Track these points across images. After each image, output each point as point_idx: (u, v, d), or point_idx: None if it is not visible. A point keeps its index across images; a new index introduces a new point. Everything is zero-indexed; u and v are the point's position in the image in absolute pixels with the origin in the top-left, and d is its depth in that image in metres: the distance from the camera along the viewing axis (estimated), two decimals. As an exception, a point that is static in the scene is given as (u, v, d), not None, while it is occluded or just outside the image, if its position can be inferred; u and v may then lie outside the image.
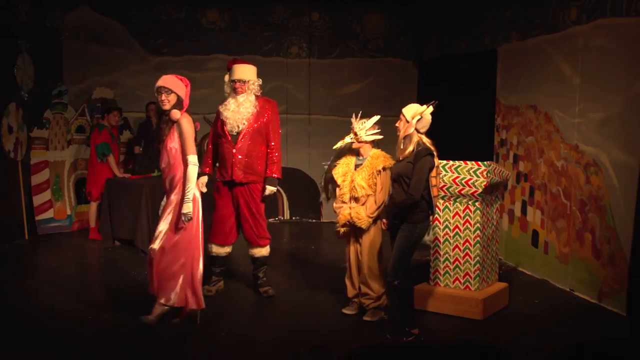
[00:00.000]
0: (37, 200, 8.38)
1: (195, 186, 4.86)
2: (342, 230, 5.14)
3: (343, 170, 5.18)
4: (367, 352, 2.22)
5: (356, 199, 5.09)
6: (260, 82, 5.75)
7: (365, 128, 5.05)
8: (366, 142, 5.09)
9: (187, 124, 4.85)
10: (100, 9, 9.39)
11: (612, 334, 4.92)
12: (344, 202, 5.16)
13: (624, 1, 5.41)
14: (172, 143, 4.86)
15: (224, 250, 5.81)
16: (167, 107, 4.86)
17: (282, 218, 10.09)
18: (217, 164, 5.80)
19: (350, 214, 5.05)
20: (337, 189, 5.22)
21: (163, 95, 4.85)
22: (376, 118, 5.10)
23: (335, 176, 5.20)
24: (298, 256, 7.66)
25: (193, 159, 4.79)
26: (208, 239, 5.85)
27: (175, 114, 4.85)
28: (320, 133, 9.59)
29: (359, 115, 5.12)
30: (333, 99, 9.83)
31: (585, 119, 5.92)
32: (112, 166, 8.18)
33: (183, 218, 4.80)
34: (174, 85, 4.87)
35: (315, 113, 9.93)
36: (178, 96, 4.87)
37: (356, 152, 5.18)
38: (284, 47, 9.88)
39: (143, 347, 4.69)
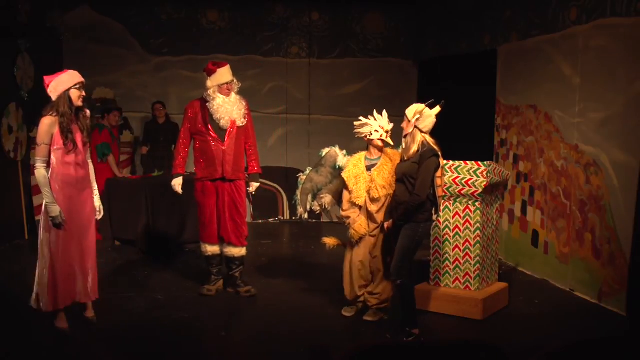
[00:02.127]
0: (37, 200, 8.37)
1: None
2: (356, 239, 5.04)
3: (354, 172, 4.99)
4: (368, 352, 2.22)
5: (374, 200, 4.94)
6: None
7: (387, 121, 4.98)
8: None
9: None
10: (100, 9, 9.40)
11: (612, 334, 4.92)
12: (356, 206, 5.02)
13: (624, 1, 5.41)
14: (86, 140, 4.78)
15: (219, 248, 5.82)
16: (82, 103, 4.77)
17: (282, 218, 10.09)
18: (200, 163, 5.72)
19: (371, 224, 4.94)
20: (347, 193, 5.05)
21: (83, 91, 4.76)
22: (385, 114, 5.02)
23: (346, 179, 5.01)
24: (298, 256, 7.66)
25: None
26: (200, 240, 5.86)
27: (88, 112, 4.86)
28: (320, 133, 9.59)
29: (382, 112, 5.01)
30: (333, 99, 9.83)
31: (585, 119, 5.92)
32: (112, 166, 8.18)
33: (101, 214, 4.89)
34: None
35: (315, 113, 9.93)
36: None
37: (366, 153, 5.07)
38: (284, 47, 9.88)
39: (143, 347, 4.69)
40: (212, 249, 5.81)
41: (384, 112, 5.02)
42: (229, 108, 5.58)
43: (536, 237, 6.73)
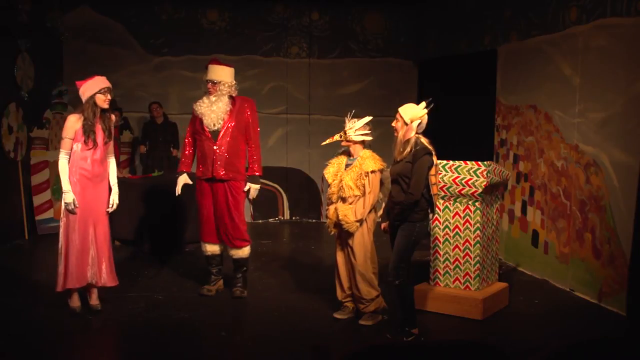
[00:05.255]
0: (37, 200, 8.38)
1: None
2: (333, 231, 5.11)
3: (334, 169, 5.12)
4: (368, 352, 2.22)
5: (344, 199, 5.01)
6: (234, 84, 5.69)
7: (354, 128, 4.99)
8: (354, 141, 5.03)
9: None
10: (100, 9, 9.40)
11: (612, 334, 4.92)
12: (332, 202, 5.10)
13: (624, 1, 5.42)
14: (107, 140, 5.19)
15: (217, 248, 5.81)
16: (108, 105, 5.19)
17: (282, 218, 10.09)
18: (197, 162, 5.75)
19: (336, 214, 4.98)
20: (328, 189, 5.16)
21: (109, 95, 5.19)
22: (368, 119, 5.04)
23: (326, 176, 5.14)
24: (298, 256, 7.66)
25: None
26: (200, 239, 5.86)
27: (113, 116, 5.32)
28: (320, 133, 9.55)
29: (352, 114, 5.09)
30: (333, 99, 9.83)
31: (585, 119, 5.92)
32: (112, 166, 8.18)
33: (114, 207, 5.30)
34: None
35: (315, 113, 9.94)
36: None
37: (348, 152, 5.13)
38: (284, 47, 9.88)
39: (143, 347, 4.69)
40: (211, 249, 5.81)
41: (350, 114, 5.11)
42: (204, 109, 5.57)
43: (536, 237, 6.73)
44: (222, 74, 5.63)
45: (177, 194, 5.85)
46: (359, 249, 5.01)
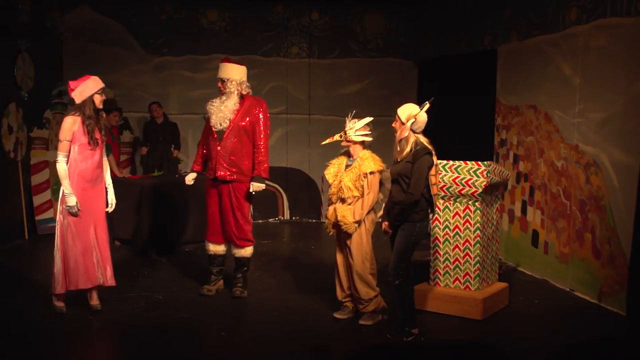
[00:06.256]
0: (37, 200, 8.38)
1: None
2: (331, 231, 5.12)
3: (334, 170, 5.12)
4: (368, 352, 2.22)
5: (343, 200, 5.02)
6: (245, 82, 5.66)
7: (354, 128, 5.00)
8: (354, 142, 5.03)
9: None
10: (100, 9, 9.40)
11: (612, 334, 4.92)
12: (332, 203, 5.11)
13: (624, 1, 5.42)
14: (104, 138, 5.22)
15: (221, 248, 5.81)
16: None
17: (282, 218, 10.09)
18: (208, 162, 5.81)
19: (335, 214, 4.99)
20: (329, 189, 5.17)
21: (104, 95, 5.23)
22: (368, 119, 5.04)
23: (327, 176, 5.15)
24: (298, 256, 7.66)
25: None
26: (205, 238, 5.87)
27: (104, 114, 5.39)
28: (320, 133, 9.54)
29: (352, 114, 5.09)
30: (333, 99, 9.82)
31: (585, 119, 5.92)
32: (112, 166, 8.17)
33: (112, 207, 5.37)
34: None
35: (315, 113, 9.93)
36: None
37: (349, 153, 5.13)
38: (284, 47, 9.88)
39: (142, 347, 4.69)
40: (214, 248, 5.81)
41: (350, 115, 5.11)
42: (213, 108, 5.59)
43: (536, 237, 6.73)
44: (229, 71, 5.63)
45: (190, 184, 5.92)
46: (356, 250, 5.00)
